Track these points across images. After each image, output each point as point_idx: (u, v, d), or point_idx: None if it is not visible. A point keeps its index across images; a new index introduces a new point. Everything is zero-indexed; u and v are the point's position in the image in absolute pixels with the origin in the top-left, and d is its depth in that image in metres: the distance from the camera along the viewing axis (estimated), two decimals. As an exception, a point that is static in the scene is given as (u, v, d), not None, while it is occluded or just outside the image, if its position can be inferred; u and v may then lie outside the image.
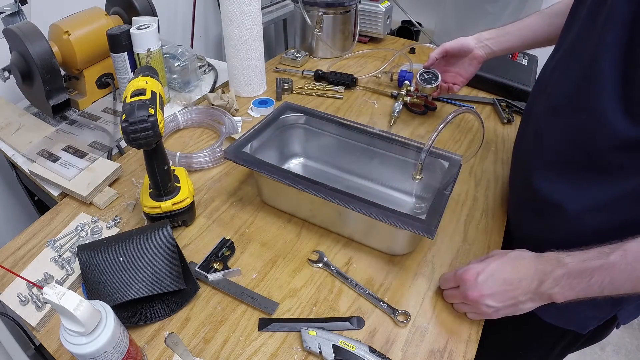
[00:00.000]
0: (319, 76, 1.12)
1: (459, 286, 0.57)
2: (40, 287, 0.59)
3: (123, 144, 0.88)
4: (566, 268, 0.50)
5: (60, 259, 0.64)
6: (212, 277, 0.62)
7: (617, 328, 0.69)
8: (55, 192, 0.77)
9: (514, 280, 0.53)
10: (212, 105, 0.95)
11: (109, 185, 0.78)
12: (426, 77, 0.94)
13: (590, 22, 0.53)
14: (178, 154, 0.81)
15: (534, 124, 0.65)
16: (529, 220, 0.69)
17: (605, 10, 0.50)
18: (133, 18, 0.94)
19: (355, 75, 1.10)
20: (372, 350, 0.53)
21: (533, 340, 0.75)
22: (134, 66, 0.93)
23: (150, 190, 0.67)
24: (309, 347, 0.54)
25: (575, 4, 0.61)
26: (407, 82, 1.04)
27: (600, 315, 0.66)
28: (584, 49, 0.54)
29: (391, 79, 1.10)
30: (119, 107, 0.94)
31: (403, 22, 1.65)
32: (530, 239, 0.68)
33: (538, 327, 0.70)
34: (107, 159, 0.83)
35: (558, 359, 0.80)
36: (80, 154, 0.81)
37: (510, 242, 0.73)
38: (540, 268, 0.52)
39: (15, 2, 0.90)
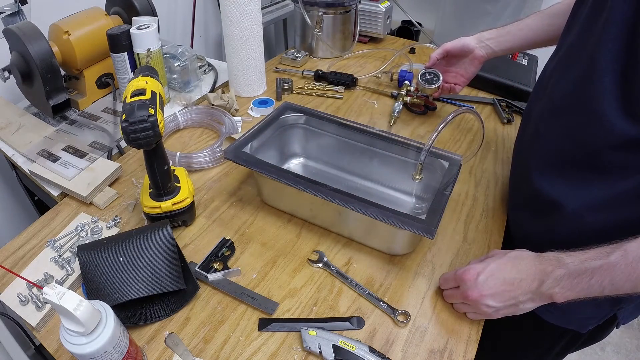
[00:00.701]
0: (319, 76, 1.12)
1: (459, 286, 0.57)
2: (40, 287, 0.59)
3: (123, 144, 0.88)
4: (566, 268, 0.50)
5: (60, 259, 0.64)
6: (212, 277, 0.62)
7: (617, 328, 0.69)
8: (55, 192, 0.77)
9: (514, 280, 0.53)
10: (212, 105, 0.95)
11: (109, 185, 0.78)
12: (427, 77, 0.94)
13: (591, 23, 0.53)
14: (178, 154, 0.81)
15: (534, 124, 0.65)
16: (529, 220, 0.69)
17: (605, 10, 0.50)
18: (133, 18, 0.94)
19: (355, 75, 1.10)
20: (372, 350, 0.53)
21: (532, 340, 0.75)
22: (134, 66, 0.93)
23: (150, 190, 0.67)
24: (309, 347, 0.54)
25: (576, 4, 0.61)
26: (407, 82, 1.04)
27: (600, 315, 0.66)
28: (584, 49, 0.54)
29: (391, 79, 1.10)
30: (119, 107, 0.94)
31: (403, 22, 1.65)
32: (531, 238, 0.68)
33: (538, 326, 0.70)
34: (107, 159, 0.83)
35: (557, 359, 0.80)
36: (80, 154, 0.81)
37: (510, 241, 0.73)
38: (541, 268, 0.52)
39: (15, 2, 0.90)
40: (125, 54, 0.90)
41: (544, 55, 1.03)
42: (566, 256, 0.51)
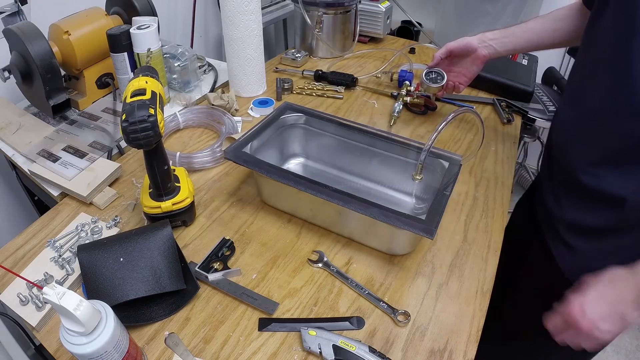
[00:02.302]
0: (319, 76, 1.12)
1: (567, 322, 0.58)
2: (40, 287, 0.59)
3: (123, 144, 0.88)
4: None
5: (60, 259, 0.64)
6: (212, 277, 0.62)
7: None
8: (55, 192, 0.77)
9: (616, 300, 0.55)
10: (212, 105, 0.95)
11: (109, 185, 0.78)
12: (432, 76, 0.94)
13: (619, 36, 0.56)
14: (178, 154, 0.81)
15: (571, 129, 0.67)
16: (578, 209, 0.68)
17: (631, 22, 0.53)
18: (133, 18, 0.94)
19: (355, 75, 1.10)
20: (372, 350, 0.53)
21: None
22: (134, 66, 0.93)
23: (150, 190, 0.67)
24: (309, 347, 0.54)
25: (592, 18, 0.64)
26: (407, 82, 1.04)
27: None
28: (616, 58, 0.57)
29: (391, 79, 1.11)
30: (119, 107, 0.94)
31: (403, 22, 1.65)
32: (579, 225, 0.68)
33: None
34: (107, 159, 0.83)
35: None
36: (80, 154, 0.81)
37: (550, 219, 0.73)
38: (637, 280, 0.54)
39: (15, 2, 0.90)
40: (125, 54, 0.90)
41: (544, 55, 1.04)
42: None
